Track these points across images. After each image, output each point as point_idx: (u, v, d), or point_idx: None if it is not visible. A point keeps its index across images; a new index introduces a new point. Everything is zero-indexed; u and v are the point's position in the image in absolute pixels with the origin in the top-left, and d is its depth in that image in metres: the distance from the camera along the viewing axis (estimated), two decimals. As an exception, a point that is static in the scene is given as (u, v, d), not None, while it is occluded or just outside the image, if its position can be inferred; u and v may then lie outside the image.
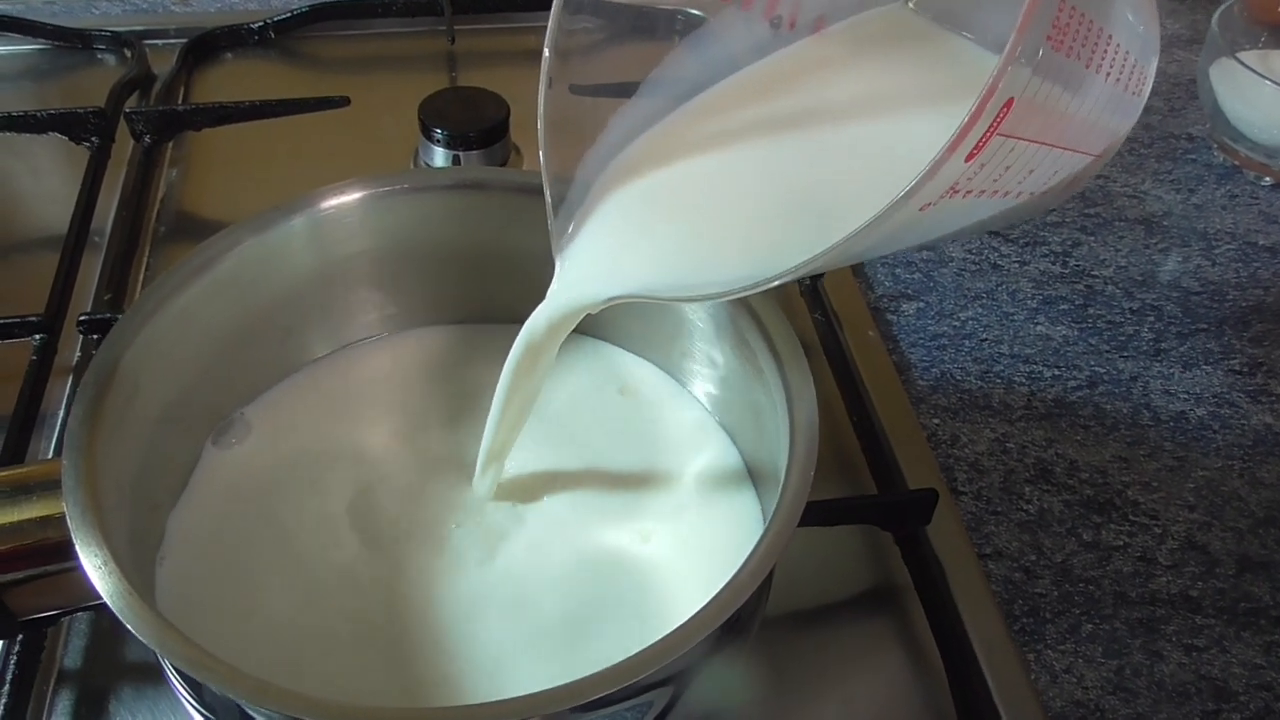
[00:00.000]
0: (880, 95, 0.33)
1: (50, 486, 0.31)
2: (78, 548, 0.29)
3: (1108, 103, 0.29)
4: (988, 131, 0.24)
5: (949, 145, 0.23)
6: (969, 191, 0.26)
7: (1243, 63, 0.63)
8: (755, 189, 0.33)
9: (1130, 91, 0.30)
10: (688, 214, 0.33)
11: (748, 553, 0.31)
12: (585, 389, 0.43)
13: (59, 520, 0.30)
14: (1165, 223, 0.65)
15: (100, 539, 0.29)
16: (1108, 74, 0.28)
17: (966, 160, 0.24)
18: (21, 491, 0.31)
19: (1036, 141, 0.26)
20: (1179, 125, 0.73)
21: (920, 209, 0.25)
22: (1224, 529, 0.48)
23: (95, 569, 0.28)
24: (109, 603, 0.28)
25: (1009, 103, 0.23)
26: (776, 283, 0.28)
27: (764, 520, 0.38)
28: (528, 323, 0.35)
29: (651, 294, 0.32)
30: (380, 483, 0.40)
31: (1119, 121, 0.31)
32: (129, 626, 0.27)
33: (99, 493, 0.30)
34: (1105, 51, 0.27)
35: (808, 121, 0.33)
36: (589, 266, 0.34)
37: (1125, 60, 0.28)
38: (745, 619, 0.35)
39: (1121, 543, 0.48)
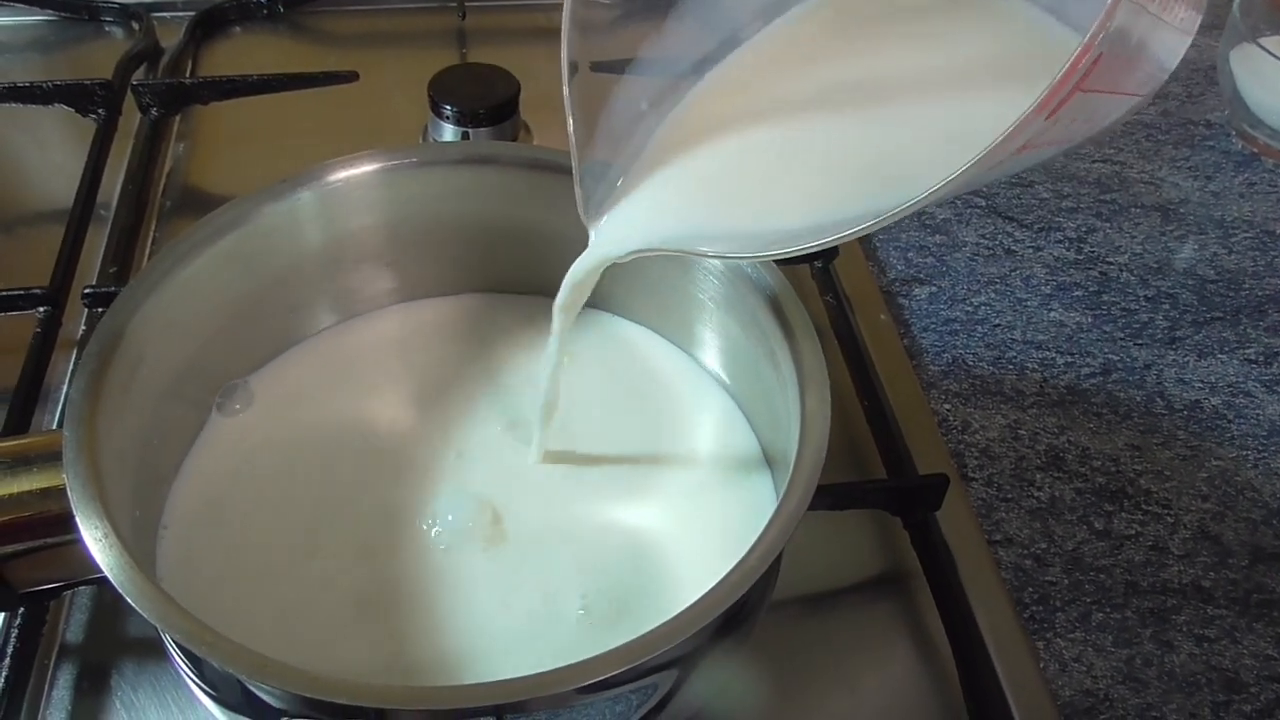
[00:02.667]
0: (944, 57, 0.32)
1: (51, 458, 0.30)
2: (78, 520, 0.28)
3: (1169, 48, 0.28)
4: (1073, 90, 0.23)
5: (1036, 106, 0.23)
6: (1035, 147, 0.25)
7: (1264, 48, 0.62)
8: (814, 147, 0.32)
9: (1182, 31, 0.29)
10: (744, 168, 0.32)
11: (758, 533, 0.30)
12: (599, 364, 0.43)
13: (60, 492, 0.29)
14: (1182, 210, 0.64)
15: (101, 511, 0.29)
16: (1175, 19, 0.27)
17: (1048, 118, 0.24)
18: (22, 463, 0.30)
19: (1107, 92, 0.25)
20: (1197, 112, 0.72)
21: (989, 168, 0.25)
22: (1237, 519, 0.48)
23: (96, 541, 0.28)
24: (109, 576, 0.27)
25: (1097, 59, 0.23)
26: (823, 242, 0.28)
27: (777, 499, 0.38)
28: (571, 272, 0.35)
29: (705, 246, 0.32)
30: (384, 453, 0.40)
31: (1170, 62, 0.30)
32: (129, 600, 0.27)
33: (100, 464, 0.30)
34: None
35: (868, 83, 0.33)
36: (638, 214, 0.33)
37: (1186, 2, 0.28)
38: (752, 603, 0.35)
39: (1133, 532, 0.47)
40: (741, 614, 0.34)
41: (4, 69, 0.70)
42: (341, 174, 0.39)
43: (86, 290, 0.51)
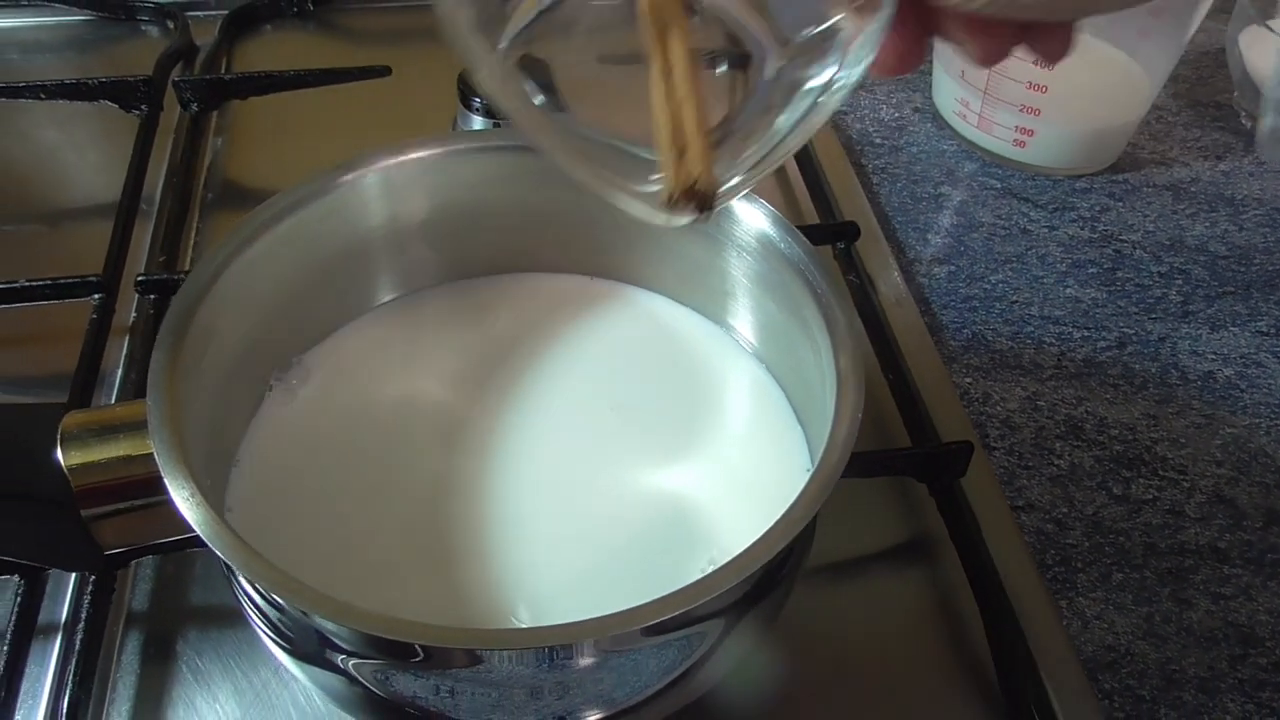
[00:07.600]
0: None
1: (136, 426, 0.32)
2: (166, 481, 0.30)
3: None
4: None
5: None
6: None
7: (1273, 30, 0.64)
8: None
9: None
10: None
11: (794, 496, 0.32)
12: (632, 334, 0.45)
13: (145, 458, 0.31)
14: (1193, 189, 0.66)
15: (187, 473, 0.30)
16: None
17: None
18: (109, 430, 0.32)
19: None
20: (1206, 94, 0.73)
21: None
22: (1251, 484, 0.50)
23: (184, 500, 0.30)
24: (199, 531, 0.29)
25: None
26: None
27: (811, 468, 0.39)
28: None
29: None
30: (436, 423, 0.41)
31: None
32: (218, 552, 0.29)
33: (182, 431, 0.32)
34: None
35: None
36: None
37: None
38: (794, 560, 0.36)
39: (1151, 496, 0.49)
40: (784, 569, 0.35)
41: (43, 68, 0.72)
42: (392, 160, 0.41)
43: (140, 278, 0.52)
